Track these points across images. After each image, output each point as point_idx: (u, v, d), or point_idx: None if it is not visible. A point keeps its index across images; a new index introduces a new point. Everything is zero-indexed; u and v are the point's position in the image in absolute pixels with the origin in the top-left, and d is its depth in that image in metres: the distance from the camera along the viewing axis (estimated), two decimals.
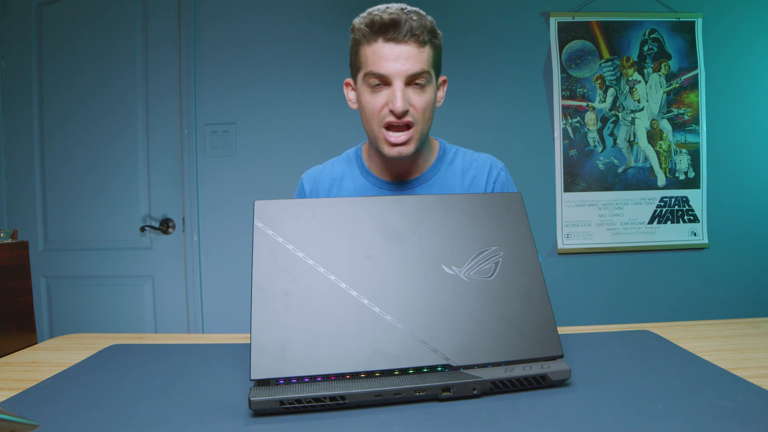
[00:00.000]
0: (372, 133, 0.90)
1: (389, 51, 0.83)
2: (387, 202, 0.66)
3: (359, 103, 0.91)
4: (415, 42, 0.83)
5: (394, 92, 0.84)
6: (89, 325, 1.99)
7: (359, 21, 0.87)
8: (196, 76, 2.00)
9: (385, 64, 0.83)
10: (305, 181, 1.04)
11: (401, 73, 0.83)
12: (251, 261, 0.61)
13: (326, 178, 1.02)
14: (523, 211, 0.69)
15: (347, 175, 1.01)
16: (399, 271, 0.61)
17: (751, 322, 0.91)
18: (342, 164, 1.04)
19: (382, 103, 0.86)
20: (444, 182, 0.98)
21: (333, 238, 0.62)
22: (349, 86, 0.97)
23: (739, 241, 2.08)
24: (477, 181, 0.98)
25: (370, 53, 0.85)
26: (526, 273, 0.64)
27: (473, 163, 1.00)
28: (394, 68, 0.83)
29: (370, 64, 0.85)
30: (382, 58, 0.83)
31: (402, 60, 0.83)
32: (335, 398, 0.53)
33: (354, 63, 0.91)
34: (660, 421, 0.49)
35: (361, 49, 0.87)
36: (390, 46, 0.83)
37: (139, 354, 0.76)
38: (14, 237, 0.92)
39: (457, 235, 0.65)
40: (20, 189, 2.03)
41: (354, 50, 0.90)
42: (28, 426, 0.37)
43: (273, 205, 0.64)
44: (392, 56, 0.83)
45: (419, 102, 0.86)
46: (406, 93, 0.84)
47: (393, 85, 0.84)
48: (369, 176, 0.99)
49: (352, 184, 1.00)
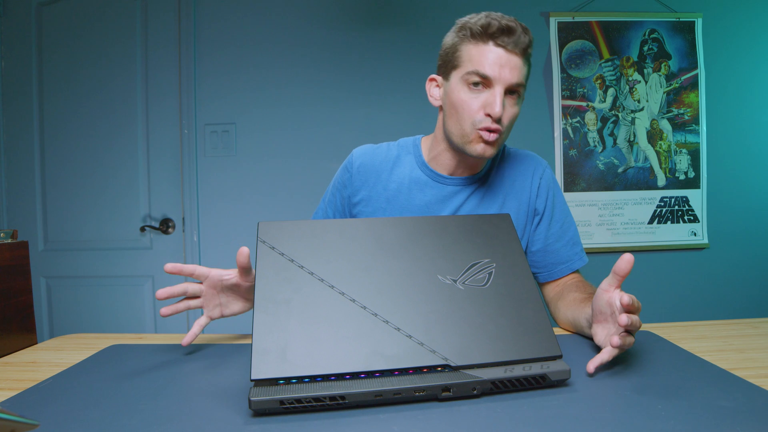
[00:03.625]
0: (460, 130, 0.90)
1: (498, 56, 0.84)
2: (384, 223, 0.70)
3: (450, 100, 0.91)
4: (521, 54, 0.85)
5: (494, 97, 0.85)
6: (89, 325, 1.99)
7: (472, 21, 0.87)
8: (196, 76, 2.00)
9: (492, 66, 0.84)
10: (355, 156, 1.04)
11: (505, 81, 0.85)
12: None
13: (380, 156, 1.03)
14: (513, 230, 0.72)
15: (402, 160, 1.02)
16: (396, 280, 0.63)
17: (751, 322, 0.91)
18: (399, 149, 1.04)
19: (480, 105, 0.87)
20: (496, 181, 1.01)
21: (333, 254, 0.65)
22: (434, 82, 0.97)
23: (739, 241, 2.08)
24: (523, 177, 1.01)
25: (477, 53, 0.86)
26: (519, 281, 0.66)
27: (521, 161, 1.03)
28: (501, 74, 0.84)
29: (475, 63, 0.85)
30: (491, 61, 0.84)
31: (508, 68, 0.84)
32: (335, 398, 0.53)
33: (450, 60, 0.91)
34: (660, 421, 0.49)
35: (464, 47, 0.88)
36: (500, 51, 0.84)
37: (139, 354, 0.76)
38: (14, 237, 0.92)
39: (451, 249, 0.68)
40: (20, 189, 2.03)
41: (454, 47, 0.90)
42: (28, 426, 0.37)
43: (276, 226, 0.68)
44: (500, 62, 0.84)
45: (510, 113, 0.88)
46: (503, 101, 0.86)
47: (494, 89, 0.85)
48: (425, 168, 1.00)
49: (408, 170, 1.01)
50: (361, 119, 1.99)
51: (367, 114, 1.98)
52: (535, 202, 1.00)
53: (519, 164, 1.03)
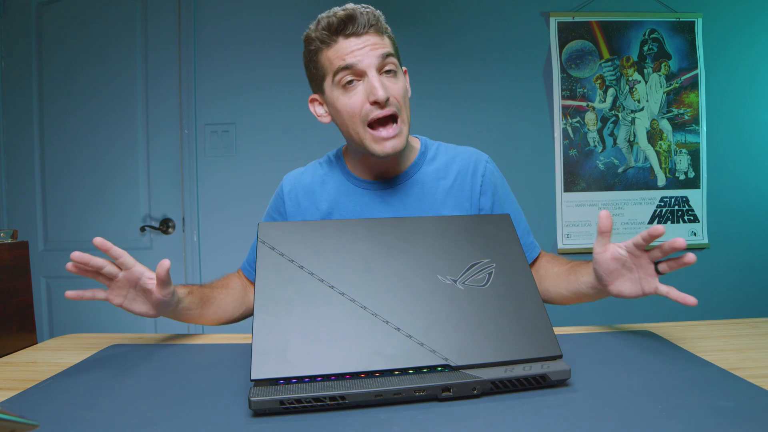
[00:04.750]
0: (356, 135, 0.87)
1: (353, 44, 0.82)
2: (384, 223, 0.70)
3: (334, 110, 0.89)
4: (375, 31, 0.84)
5: (370, 82, 0.82)
6: (89, 325, 1.99)
7: (314, 29, 0.86)
8: (196, 76, 2.00)
9: (352, 56, 0.82)
10: (285, 182, 1.03)
11: (373, 62, 0.82)
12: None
13: (307, 179, 1.01)
14: (513, 230, 0.72)
15: (329, 177, 1.00)
16: (396, 281, 0.63)
17: (751, 322, 0.91)
18: (324, 167, 1.02)
19: (361, 100, 0.83)
20: (426, 179, 0.95)
21: (333, 254, 0.65)
22: (316, 101, 0.94)
23: (739, 241, 2.08)
24: (462, 176, 0.95)
25: (333, 55, 0.84)
26: (519, 281, 0.66)
27: (456, 158, 0.97)
28: (364, 58, 0.82)
29: (336, 62, 0.83)
30: (349, 53, 0.82)
31: (368, 48, 0.82)
32: (335, 398, 0.53)
33: (316, 74, 0.89)
34: (660, 421, 0.49)
35: (321, 56, 0.86)
36: (352, 40, 0.82)
37: (139, 354, 0.76)
38: (14, 237, 0.92)
39: (451, 250, 0.68)
40: (20, 189, 2.03)
41: (313, 62, 0.88)
42: (28, 426, 0.37)
43: (276, 226, 0.68)
44: (358, 47, 0.82)
45: (396, 89, 0.84)
46: (381, 81, 0.83)
47: (367, 75, 0.82)
48: (351, 177, 0.98)
49: (334, 185, 0.98)
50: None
51: None
52: (479, 201, 0.95)
53: (456, 162, 0.97)
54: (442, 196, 0.94)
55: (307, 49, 0.89)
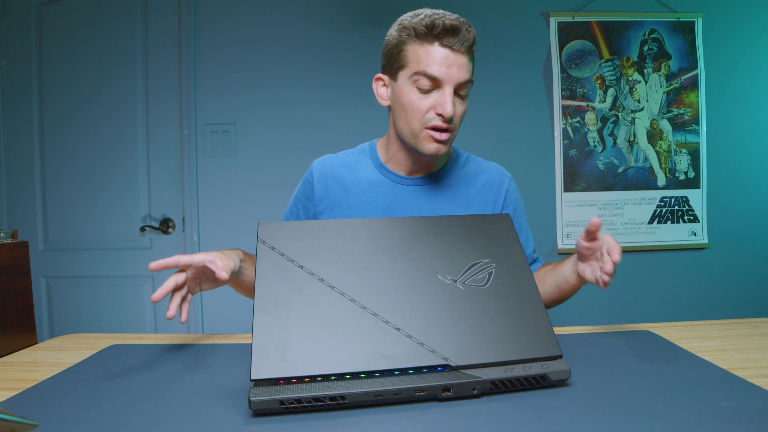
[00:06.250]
0: (411, 130, 0.91)
1: (445, 56, 0.85)
2: (384, 223, 0.70)
3: (398, 100, 0.91)
4: (467, 53, 0.86)
5: (444, 97, 0.86)
6: (89, 325, 1.99)
7: (415, 20, 0.87)
8: (196, 76, 2.00)
9: (440, 68, 0.85)
10: (315, 167, 1.05)
11: (454, 80, 0.86)
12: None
13: (338, 164, 1.03)
14: (513, 230, 0.73)
15: (360, 165, 1.03)
16: (396, 281, 0.63)
17: (751, 322, 0.91)
18: (356, 155, 1.05)
19: (430, 105, 0.87)
20: (455, 182, 1.01)
21: (332, 254, 0.65)
22: (381, 81, 0.96)
23: (739, 241, 2.08)
24: (488, 187, 1.02)
25: (424, 54, 0.86)
26: (519, 281, 0.66)
27: (484, 170, 1.04)
28: (449, 74, 0.85)
29: (422, 64, 0.86)
30: (438, 62, 0.85)
31: (456, 68, 0.85)
32: (335, 398, 0.53)
33: (396, 60, 0.90)
34: (660, 421, 0.49)
35: (409, 47, 0.88)
36: (446, 51, 0.85)
37: (139, 354, 0.76)
38: (14, 237, 0.92)
39: (451, 250, 0.68)
40: (20, 189, 2.03)
41: (398, 47, 0.89)
42: (28, 426, 0.37)
43: (276, 226, 0.68)
44: (448, 62, 0.85)
45: (460, 111, 0.90)
46: (453, 101, 0.87)
47: (443, 89, 0.86)
48: (383, 169, 1.01)
49: (366, 174, 1.01)
50: (361, 119, 1.99)
51: (367, 114, 1.98)
52: None
53: (484, 174, 1.03)
54: (467, 201, 1.00)
55: (398, 33, 0.89)
